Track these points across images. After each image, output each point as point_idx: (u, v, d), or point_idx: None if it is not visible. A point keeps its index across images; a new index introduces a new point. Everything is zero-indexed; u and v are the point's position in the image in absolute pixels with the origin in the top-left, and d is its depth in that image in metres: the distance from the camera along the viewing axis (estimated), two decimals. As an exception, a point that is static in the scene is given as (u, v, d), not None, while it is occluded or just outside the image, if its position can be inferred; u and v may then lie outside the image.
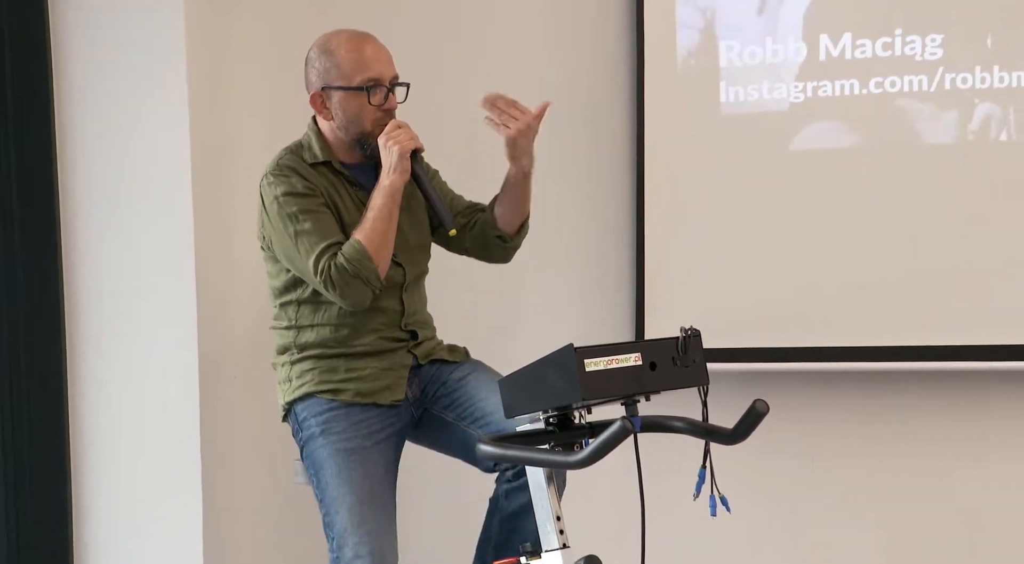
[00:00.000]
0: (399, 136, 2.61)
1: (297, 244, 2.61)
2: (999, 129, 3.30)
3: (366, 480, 2.67)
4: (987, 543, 3.48)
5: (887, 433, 3.53)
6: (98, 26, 3.38)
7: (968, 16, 3.30)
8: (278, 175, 2.67)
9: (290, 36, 3.39)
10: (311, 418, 2.71)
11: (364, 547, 2.60)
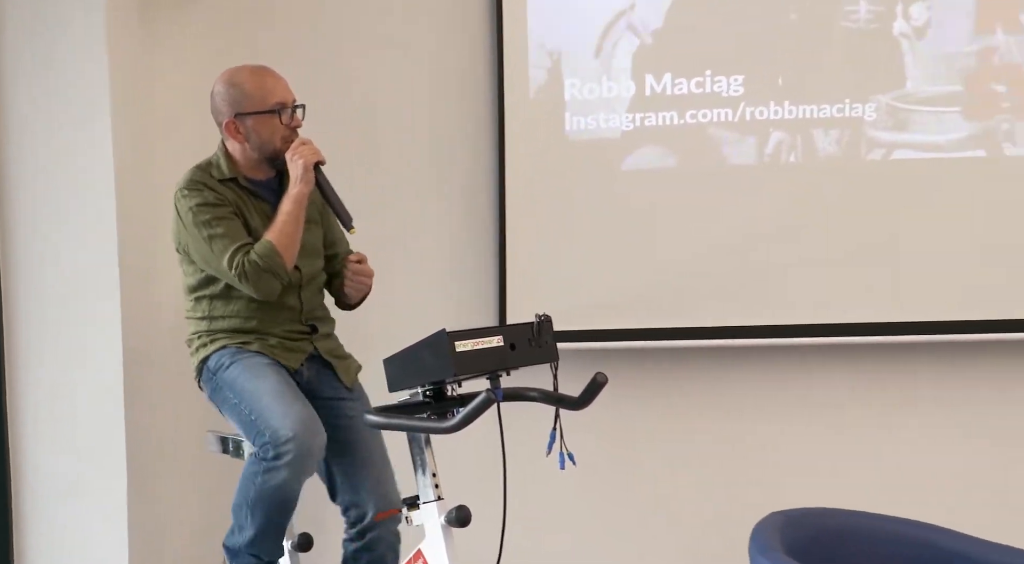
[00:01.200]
0: (304, 151, 2.60)
1: (212, 246, 2.57)
2: (788, 152, 3.39)
3: (280, 381, 2.59)
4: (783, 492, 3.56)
5: (705, 400, 3.60)
6: (29, 46, 3.29)
7: (764, 61, 3.37)
8: (192, 189, 2.62)
9: (201, 68, 3.35)
10: (223, 359, 2.64)
11: (287, 418, 2.49)
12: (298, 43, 3.51)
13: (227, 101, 2.65)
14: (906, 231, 3.38)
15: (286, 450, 2.47)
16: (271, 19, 3.57)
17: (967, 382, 3.53)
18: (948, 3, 3.31)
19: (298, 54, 3.44)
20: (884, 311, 3.40)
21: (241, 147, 2.67)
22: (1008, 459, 3.55)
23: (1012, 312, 3.37)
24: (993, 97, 3.33)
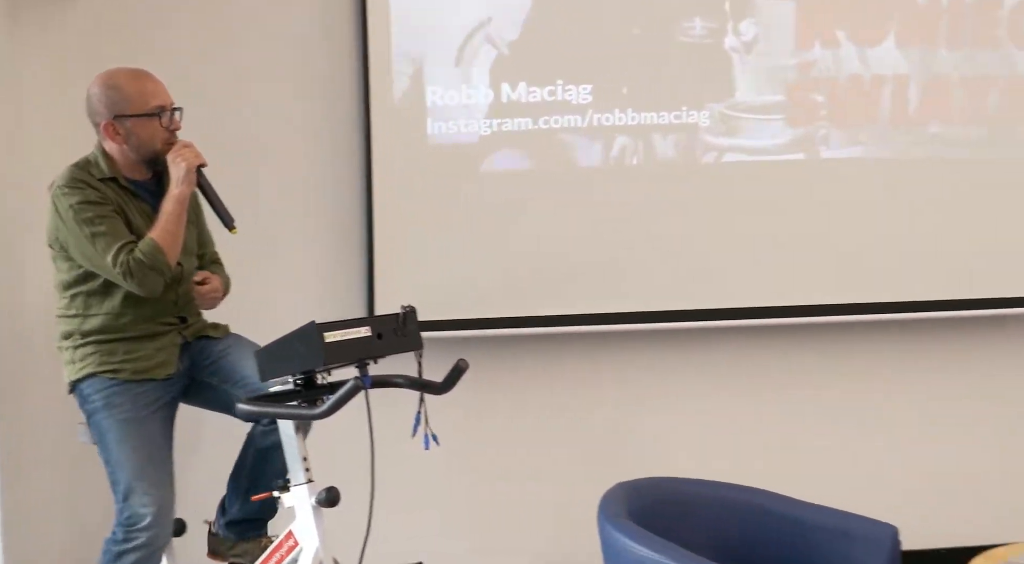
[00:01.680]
0: (187, 154, 2.52)
1: (95, 244, 2.46)
2: (632, 155, 3.44)
3: (145, 444, 2.54)
4: (637, 465, 3.63)
5: (558, 381, 3.62)
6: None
7: (610, 71, 3.41)
8: (72, 187, 2.50)
9: (71, 68, 3.20)
10: (95, 394, 2.55)
11: (147, 497, 2.49)
12: (167, 47, 3.38)
13: (105, 103, 2.54)
14: (736, 225, 3.48)
15: (139, 536, 2.48)
16: (140, 23, 3.43)
17: (800, 362, 3.68)
18: (773, 21, 3.41)
19: (167, 58, 3.31)
20: (720, 297, 3.49)
21: (120, 148, 2.56)
22: (858, 433, 3.69)
23: (830, 298, 3.51)
24: (812, 106, 3.45)
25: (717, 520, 2.57)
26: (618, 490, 2.50)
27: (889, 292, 3.51)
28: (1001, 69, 3.45)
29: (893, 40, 3.42)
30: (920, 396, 3.70)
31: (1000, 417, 3.72)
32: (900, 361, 3.69)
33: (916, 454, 3.71)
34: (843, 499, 3.74)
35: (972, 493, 3.73)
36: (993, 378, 3.71)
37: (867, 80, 3.44)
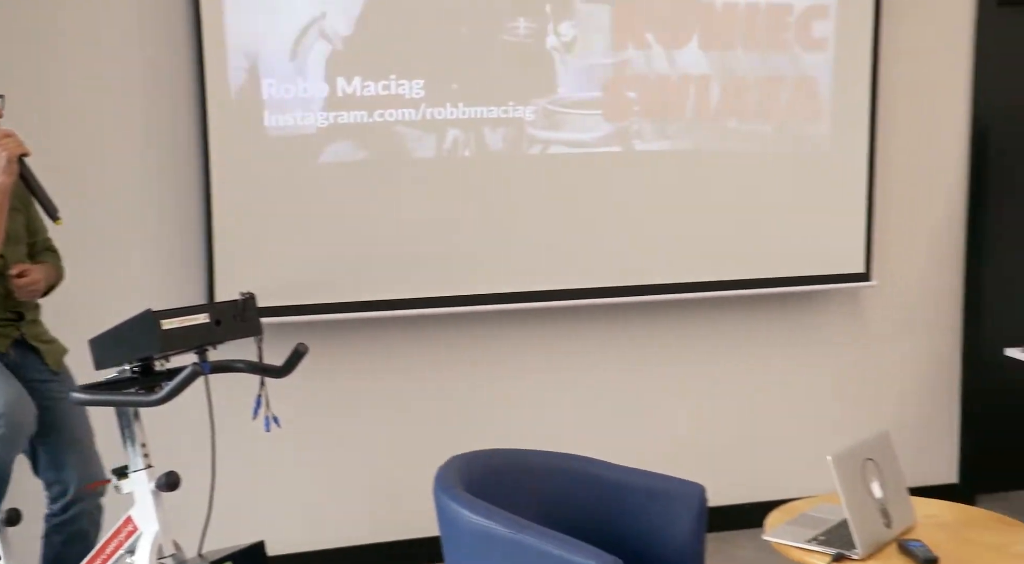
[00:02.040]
0: (8, 143, 2.37)
1: None
2: (463, 147, 3.45)
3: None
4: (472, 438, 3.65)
5: (392, 361, 3.61)
6: None
7: (441, 67, 3.41)
8: None
9: None
10: None
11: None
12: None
13: None
14: (560, 212, 3.55)
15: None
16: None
17: (614, 339, 3.77)
18: (590, 23, 3.48)
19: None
20: (546, 279, 3.54)
21: None
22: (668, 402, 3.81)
23: (644, 278, 3.62)
24: (627, 102, 3.55)
25: (546, 487, 2.62)
26: (454, 462, 2.51)
27: (694, 272, 3.66)
28: (790, 70, 3.64)
29: (696, 43, 3.56)
30: (722, 367, 3.87)
31: (793, 384, 3.93)
32: (703, 335, 3.84)
33: (721, 419, 3.88)
34: (658, 462, 3.89)
35: (770, 453, 3.93)
36: (786, 349, 3.91)
37: (674, 79, 3.56)
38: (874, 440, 2.31)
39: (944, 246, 4.00)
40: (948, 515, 2.42)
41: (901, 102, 3.89)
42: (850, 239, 3.76)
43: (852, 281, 3.79)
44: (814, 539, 2.25)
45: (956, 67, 3.93)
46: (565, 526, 2.60)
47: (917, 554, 2.12)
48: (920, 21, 3.87)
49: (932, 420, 4.05)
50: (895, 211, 3.94)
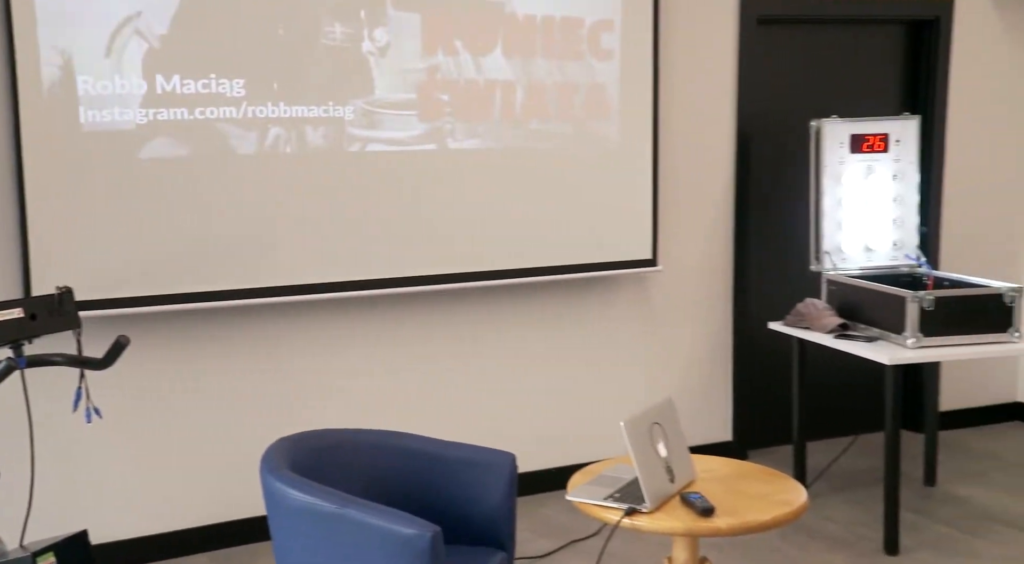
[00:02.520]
0: None
1: None
2: (285, 144, 3.35)
3: None
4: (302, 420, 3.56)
5: (224, 351, 3.48)
6: None
7: (261, 68, 3.30)
8: None
9: None
10: None
11: None
12: None
13: None
14: (379, 206, 3.51)
15: None
16: None
17: (430, 324, 3.77)
18: (402, 30, 3.45)
19: None
20: (371, 268, 3.50)
21: None
22: (479, 380, 3.84)
23: (465, 266, 3.64)
24: (439, 104, 3.55)
25: (371, 463, 2.60)
26: (280, 444, 2.45)
27: (504, 261, 3.71)
28: (584, 77, 3.74)
29: (500, 51, 3.60)
30: (529, 346, 3.95)
31: (592, 359, 4.06)
32: (512, 318, 3.90)
33: (528, 393, 3.96)
34: (474, 435, 3.95)
35: (573, 421, 4.05)
36: (585, 328, 4.03)
37: (481, 83, 3.59)
38: (659, 406, 2.41)
39: (717, 236, 4.22)
40: (723, 469, 2.54)
41: (678, 108, 4.08)
42: (638, 229, 3.92)
43: (641, 266, 3.95)
44: (610, 496, 2.32)
45: (723, 77, 4.15)
46: (390, 499, 2.59)
47: (696, 505, 2.22)
48: (692, 36, 4.06)
49: (709, 386, 4.28)
50: (676, 205, 4.13)
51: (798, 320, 3.76)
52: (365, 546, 2.11)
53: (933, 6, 4.41)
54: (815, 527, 3.59)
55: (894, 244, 3.86)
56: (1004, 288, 3.35)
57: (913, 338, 3.30)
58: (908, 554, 3.33)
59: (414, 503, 2.60)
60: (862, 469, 4.21)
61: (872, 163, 3.82)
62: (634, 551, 3.39)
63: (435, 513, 2.59)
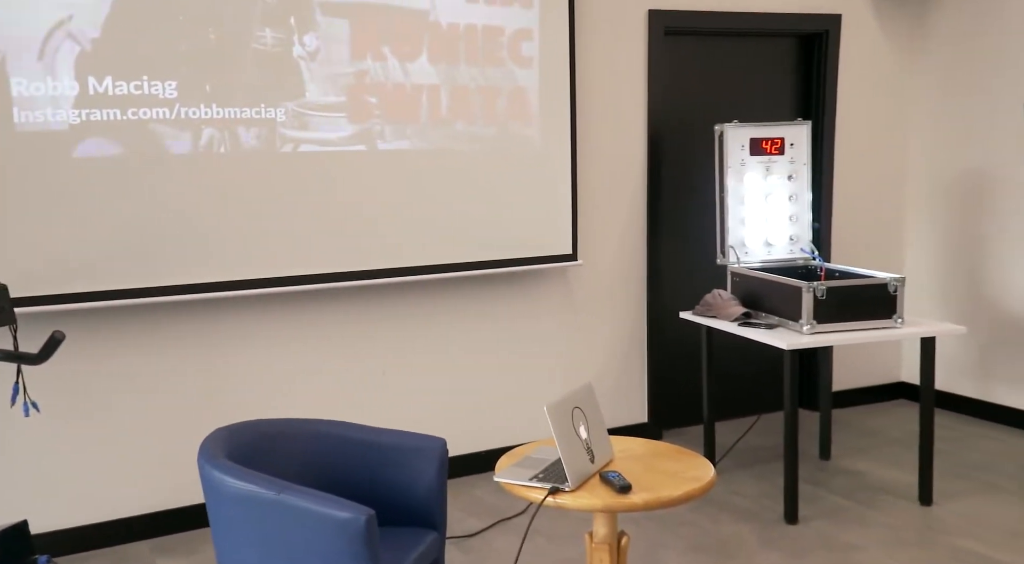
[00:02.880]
0: None
1: None
2: (219, 145, 3.27)
3: None
4: (234, 411, 3.49)
5: (159, 344, 3.38)
6: None
7: (193, 71, 3.22)
8: None
9: None
10: None
11: None
12: None
13: None
14: (312, 204, 3.46)
15: None
16: None
17: (363, 315, 3.73)
18: (331, 35, 3.41)
19: None
20: (295, 264, 3.45)
21: None
22: (412, 369, 3.82)
23: (389, 262, 3.61)
24: (368, 106, 3.51)
25: (306, 450, 2.56)
26: (217, 434, 2.40)
27: (436, 256, 3.70)
28: (506, 82, 3.75)
29: (426, 56, 3.58)
30: (459, 337, 3.94)
31: (518, 348, 4.08)
32: (442, 310, 3.90)
33: (459, 381, 3.96)
34: (408, 422, 3.93)
35: (501, 407, 4.06)
36: (511, 318, 4.04)
37: (409, 87, 3.57)
38: (580, 391, 2.43)
39: (631, 231, 4.28)
40: (639, 449, 2.57)
41: (594, 112, 4.12)
42: (559, 226, 3.95)
43: (562, 261, 3.98)
44: (535, 477, 2.33)
45: (635, 84, 4.20)
46: (326, 485, 2.56)
47: (615, 483, 2.25)
48: (605, 45, 4.11)
49: (626, 372, 4.33)
50: (593, 203, 4.17)
51: (706, 310, 3.84)
52: (302, 531, 2.08)
53: (822, 21, 4.55)
54: (723, 500, 3.67)
55: (791, 239, 3.97)
56: (888, 278, 3.48)
57: (808, 325, 3.40)
58: (806, 523, 3.44)
59: (350, 489, 2.57)
60: (765, 446, 4.33)
61: (770, 164, 3.93)
62: (558, 527, 3.42)
63: (370, 497, 2.57)
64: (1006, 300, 4.47)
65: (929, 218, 4.82)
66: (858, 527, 3.38)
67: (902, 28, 4.77)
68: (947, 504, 3.58)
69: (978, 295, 4.60)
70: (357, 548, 2.04)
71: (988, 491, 3.70)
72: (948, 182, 4.71)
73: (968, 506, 3.55)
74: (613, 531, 2.37)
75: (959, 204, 4.66)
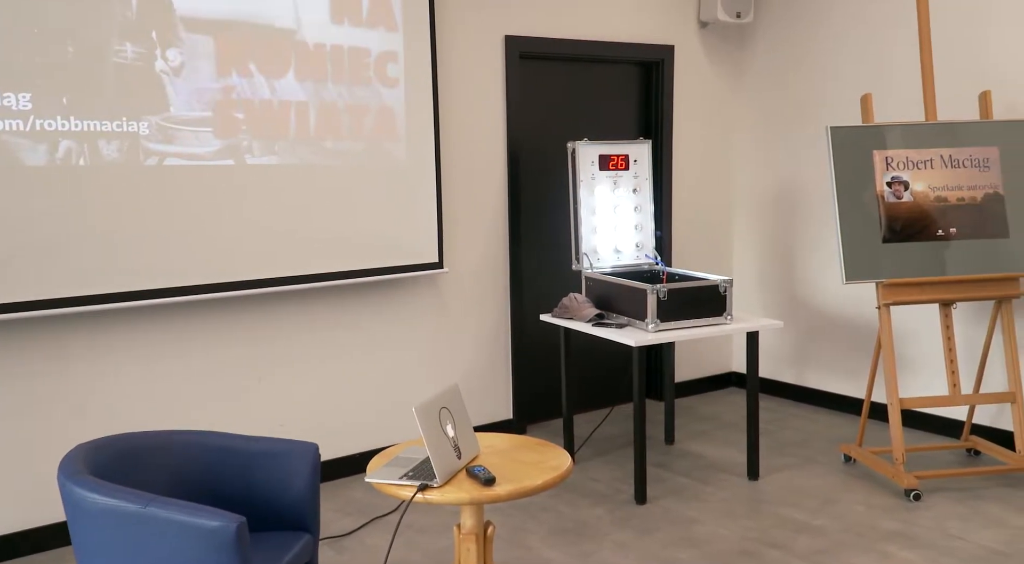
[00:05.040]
0: None
1: None
2: (78, 157, 3.01)
3: None
4: (107, 424, 3.22)
5: (15, 361, 3.07)
6: None
7: (49, 83, 2.95)
8: None
9: None
10: None
11: None
12: None
13: None
14: (178, 218, 3.24)
15: None
16: None
17: (230, 326, 3.54)
18: (195, 51, 3.21)
19: None
20: (167, 277, 3.22)
21: None
22: (284, 376, 3.64)
23: (258, 273, 3.43)
24: (235, 122, 3.33)
25: (175, 462, 2.38)
26: (78, 450, 2.18)
27: (309, 266, 3.55)
28: (373, 101, 3.65)
29: (293, 74, 3.43)
30: (333, 344, 3.81)
31: (390, 352, 3.98)
32: (317, 319, 3.76)
33: (332, 386, 3.82)
34: (284, 428, 3.75)
35: (373, 410, 3.95)
36: (383, 325, 3.94)
37: (276, 104, 3.41)
38: (447, 392, 2.37)
39: (494, 240, 4.27)
40: (503, 443, 2.55)
41: (457, 130, 4.09)
42: (426, 236, 3.88)
43: (430, 269, 3.91)
44: (405, 475, 2.26)
45: (494, 104, 4.20)
46: (197, 496, 2.38)
47: (480, 476, 2.21)
48: (465, 68, 4.09)
49: (491, 372, 4.31)
50: (458, 214, 4.13)
51: (563, 312, 3.87)
52: (171, 543, 1.92)
53: (658, 52, 4.70)
54: (581, 486, 3.70)
55: (637, 246, 4.06)
56: (719, 280, 3.61)
57: (653, 323, 3.48)
58: (654, 502, 3.51)
59: (222, 498, 2.41)
60: (617, 434, 4.41)
61: (617, 179, 4.00)
62: (429, 521, 3.34)
63: (243, 505, 2.41)
64: (816, 297, 4.75)
65: (752, 227, 5.06)
66: (697, 502, 3.48)
67: (726, 61, 4.99)
68: (771, 478, 3.74)
69: (793, 293, 4.86)
70: (228, 556, 1.89)
71: (805, 464, 3.89)
72: (767, 196, 4.96)
73: (788, 478, 3.73)
74: (479, 521, 2.32)
75: (776, 215, 4.92)
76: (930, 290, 3.54)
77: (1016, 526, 3.15)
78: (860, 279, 3.51)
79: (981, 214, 3.54)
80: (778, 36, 4.80)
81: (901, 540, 3.07)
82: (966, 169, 3.58)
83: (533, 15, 4.25)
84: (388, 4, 3.62)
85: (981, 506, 3.34)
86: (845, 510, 3.36)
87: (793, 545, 3.06)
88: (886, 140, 3.58)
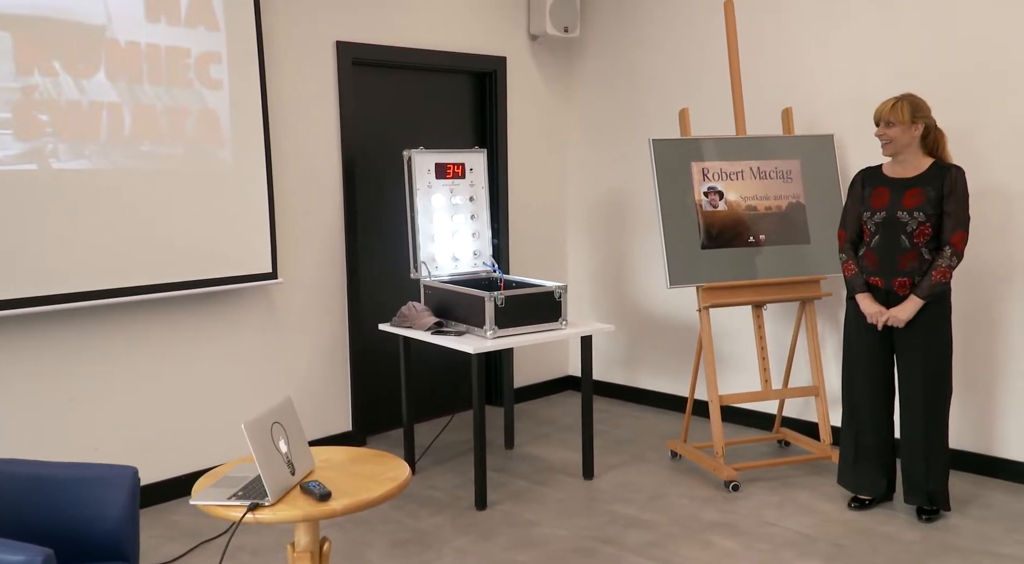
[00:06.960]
0: None
1: None
2: None
3: None
4: None
5: None
6: None
7: None
8: None
9: None
10: None
11: None
12: None
13: None
14: None
15: None
16: None
17: (36, 346, 3.28)
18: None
19: None
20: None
21: None
22: (101, 396, 3.41)
23: (75, 287, 3.21)
24: (39, 124, 3.10)
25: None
26: None
27: (125, 278, 3.35)
28: (195, 103, 3.50)
29: (104, 74, 3.24)
30: (154, 359, 3.62)
31: (221, 367, 3.82)
32: (135, 334, 3.55)
33: (155, 405, 3.63)
34: (100, 453, 3.51)
35: (201, 428, 3.78)
36: (213, 339, 3.78)
37: (85, 105, 3.20)
38: (279, 406, 2.32)
39: (330, 249, 4.21)
40: (339, 456, 2.52)
41: (289, 136, 4.00)
42: (258, 245, 3.76)
43: (262, 279, 3.80)
44: (233, 496, 2.18)
45: (327, 110, 4.15)
46: (1, 528, 2.19)
47: (315, 492, 2.18)
48: (296, 72, 4.01)
49: (329, 384, 4.24)
50: (292, 223, 4.04)
51: (402, 321, 3.88)
52: (-35, 585, 1.76)
53: (491, 62, 4.82)
54: (422, 495, 3.72)
55: (474, 254, 4.14)
56: (554, 286, 3.76)
57: (491, 330, 3.56)
58: (494, 506, 3.59)
59: (29, 530, 2.23)
60: (458, 441, 4.46)
61: (454, 187, 4.07)
62: (262, 542, 3.24)
63: (53, 536, 2.24)
64: (644, 301, 5.03)
65: (584, 234, 5.29)
66: (536, 505, 3.60)
67: (556, 73, 5.19)
68: (605, 476, 3.93)
69: (623, 298, 5.12)
70: (33, 595, 1.76)
71: (636, 462, 4.12)
72: (598, 204, 5.20)
73: (621, 476, 3.93)
74: (315, 538, 2.29)
75: (607, 223, 5.17)
76: (743, 293, 3.86)
77: (822, 511, 3.48)
78: (682, 283, 3.76)
79: (786, 222, 3.90)
80: (604, 50, 5.06)
81: (722, 529, 3.32)
82: (772, 180, 3.93)
83: (365, 21, 4.24)
84: (208, 3, 3.49)
85: (792, 493, 3.67)
86: (672, 504, 3.59)
87: (625, 540, 3.23)
88: (702, 152, 3.87)
